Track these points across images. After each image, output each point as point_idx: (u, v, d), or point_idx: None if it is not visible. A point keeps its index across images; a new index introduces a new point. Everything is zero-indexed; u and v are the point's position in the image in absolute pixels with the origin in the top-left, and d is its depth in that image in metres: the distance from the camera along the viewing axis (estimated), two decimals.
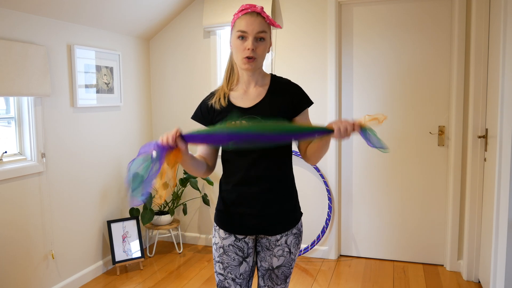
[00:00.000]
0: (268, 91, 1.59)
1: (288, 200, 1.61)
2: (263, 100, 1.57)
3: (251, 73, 1.57)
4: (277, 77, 1.65)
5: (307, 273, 3.25)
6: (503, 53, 2.32)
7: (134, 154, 3.67)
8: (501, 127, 2.34)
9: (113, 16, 3.17)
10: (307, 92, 1.71)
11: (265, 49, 1.55)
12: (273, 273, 1.63)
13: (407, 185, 3.35)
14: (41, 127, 2.74)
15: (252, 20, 1.50)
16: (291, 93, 1.60)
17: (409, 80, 3.27)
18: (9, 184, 2.54)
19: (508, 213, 2.18)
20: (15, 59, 2.48)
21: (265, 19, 1.53)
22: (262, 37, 1.52)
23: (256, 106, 1.56)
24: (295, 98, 1.59)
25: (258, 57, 1.52)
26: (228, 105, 1.57)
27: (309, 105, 1.62)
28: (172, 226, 3.61)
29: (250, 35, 1.50)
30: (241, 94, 1.59)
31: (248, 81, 1.59)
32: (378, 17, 3.30)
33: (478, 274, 3.02)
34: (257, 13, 1.53)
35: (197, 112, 1.65)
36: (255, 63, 1.53)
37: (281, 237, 1.59)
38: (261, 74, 1.61)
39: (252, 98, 1.58)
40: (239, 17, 1.53)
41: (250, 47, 1.49)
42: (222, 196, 1.63)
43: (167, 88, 3.86)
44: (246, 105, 1.56)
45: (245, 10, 1.53)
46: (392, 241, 3.44)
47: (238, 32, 1.51)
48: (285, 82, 1.64)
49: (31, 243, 2.69)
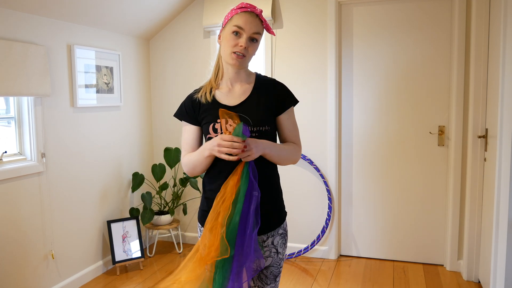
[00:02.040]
0: (253, 88, 1.60)
1: (274, 200, 1.61)
2: (249, 98, 1.58)
3: (236, 70, 1.58)
4: (262, 76, 1.67)
5: (307, 273, 3.25)
6: (503, 53, 2.32)
7: (134, 154, 3.68)
8: (501, 127, 2.34)
9: (113, 16, 3.17)
10: (307, 92, 1.71)
11: (255, 49, 1.56)
12: (262, 273, 1.63)
13: (407, 185, 3.35)
14: (41, 127, 2.74)
15: (251, 20, 1.52)
16: (277, 92, 1.61)
17: (409, 80, 3.27)
18: (9, 184, 2.54)
19: (508, 213, 2.18)
20: (15, 59, 2.48)
21: (262, 22, 1.55)
22: (255, 38, 1.54)
23: (242, 104, 1.56)
24: (280, 97, 1.61)
25: (247, 55, 1.54)
26: (212, 102, 1.57)
27: (295, 103, 1.64)
28: (172, 226, 3.61)
29: (245, 33, 1.51)
30: (226, 92, 1.59)
31: (233, 77, 1.60)
32: (378, 17, 3.30)
33: (478, 274, 3.02)
34: (256, 14, 1.54)
35: (181, 110, 1.64)
36: (244, 61, 1.54)
37: (267, 238, 1.58)
38: (246, 72, 1.63)
39: (238, 96, 1.58)
40: (238, 13, 1.53)
41: (243, 44, 1.50)
42: (207, 196, 1.61)
43: (167, 88, 3.86)
44: (231, 103, 1.57)
45: (245, 8, 1.54)
46: (392, 241, 3.44)
47: (234, 27, 1.51)
48: (270, 81, 1.65)
49: (31, 243, 2.69)
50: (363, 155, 3.44)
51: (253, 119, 1.54)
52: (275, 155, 1.54)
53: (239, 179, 1.46)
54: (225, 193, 1.46)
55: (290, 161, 1.61)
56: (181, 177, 3.76)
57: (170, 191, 3.88)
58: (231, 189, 1.46)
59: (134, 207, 3.63)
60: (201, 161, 1.54)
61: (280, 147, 1.57)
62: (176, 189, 3.74)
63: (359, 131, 3.43)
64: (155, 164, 3.65)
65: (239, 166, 1.47)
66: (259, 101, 1.57)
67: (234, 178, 1.46)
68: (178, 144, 3.79)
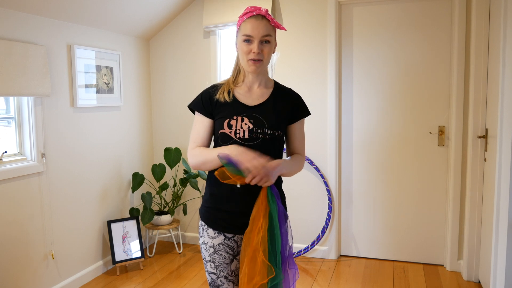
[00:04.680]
0: (272, 94, 1.65)
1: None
2: (267, 101, 1.63)
3: (256, 75, 1.63)
4: (280, 84, 1.72)
5: (307, 273, 3.25)
6: (503, 53, 2.32)
7: (134, 154, 3.68)
8: (501, 127, 2.34)
9: (113, 16, 3.17)
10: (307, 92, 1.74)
11: (270, 51, 1.60)
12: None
13: (407, 185, 3.35)
14: (41, 127, 2.74)
15: (257, 24, 1.54)
16: (292, 101, 1.67)
17: (409, 80, 3.27)
18: (9, 184, 2.54)
19: (508, 213, 2.18)
20: (15, 59, 2.48)
21: (270, 22, 1.57)
22: (267, 40, 1.56)
23: (260, 106, 1.61)
24: (295, 106, 1.67)
25: (264, 58, 1.57)
26: (232, 100, 1.61)
27: (307, 115, 1.71)
28: (172, 226, 3.61)
29: (255, 39, 1.55)
30: (245, 91, 1.64)
31: (252, 81, 1.64)
32: (378, 17, 3.30)
33: (478, 274, 3.02)
34: (262, 16, 1.56)
35: (197, 101, 1.66)
36: (261, 65, 1.58)
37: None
38: (265, 77, 1.67)
39: (256, 97, 1.63)
40: (244, 20, 1.57)
41: (256, 50, 1.54)
42: (213, 192, 1.63)
43: (167, 88, 3.86)
44: (250, 103, 1.61)
45: (250, 13, 1.56)
46: (392, 241, 3.44)
47: (244, 36, 1.56)
48: (287, 90, 1.71)
49: (31, 243, 2.69)
50: (363, 155, 3.44)
51: (269, 122, 1.58)
52: (287, 172, 1.60)
53: (266, 204, 1.52)
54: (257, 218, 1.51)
55: (297, 172, 1.68)
56: (181, 177, 3.76)
57: (170, 191, 3.88)
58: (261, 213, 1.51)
59: (134, 207, 3.63)
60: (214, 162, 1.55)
61: (290, 164, 1.62)
62: (176, 189, 3.74)
63: (359, 131, 3.43)
64: (155, 164, 3.65)
65: (262, 191, 1.52)
66: (276, 106, 1.63)
67: (260, 202, 1.52)
68: (178, 144, 3.79)
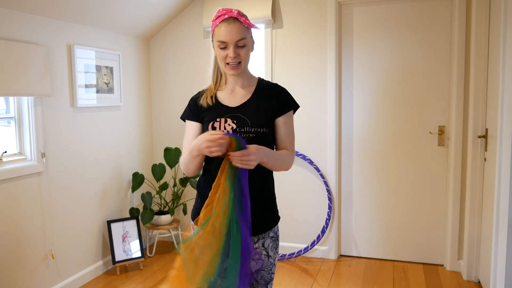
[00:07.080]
0: (255, 92, 1.62)
1: (266, 203, 1.61)
2: (249, 100, 1.60)
3: (236, 76, 1.61)
4: (264, 80, 1.69)
5: (307, 273, 3.25)
6: (503, 53, 2.32)
7: (134, 154, 3.68)
8: (501, 127, 2.34)
9: (113, 16, 3.17)
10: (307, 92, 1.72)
11: (248, 52, 1.56)
12: (252, 277, 1.61)
13: (407, 185, 3.35)
14: (41, 127, 2.74)
15: (230, 29, 1.50)
16: (277, 95, 1.63)
17: (409, 80, 3.27)
18: (9, 184, 2.54)
19: (508, 213, 2.18)
20: (15, 59, 2.48)
21: (242, 23, 1.52)
22: (243, 44, 1.53)
23: (242, 106, 1.59)
24: (280, 100, 1.62)
25: (242, 60, 1.55)
26: (215, 104, 1.60)
27: (295, 107, 1.65)
28: (172, 226, 3.61)
29: (230, 44, 1.51)
30: (227, 93, 1.63)
31: (235, 82, 1.63)
32: (378, 17, 3.30)
33: (478, 274, 3.02)
34: (234, 18, 1.51)
35: (186, 110, 1.67)
36: (240, 67, 1.56)
37: (258, 240, 1.58)
38: (248, 75, 1.64)
39: (239, 98, 1.61)
40: (217, 25, 1.52)
41: (232, 55, 1.51)
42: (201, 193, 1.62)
43: (167, 88, 3.86)
44: (232, 104, 1.59)
45: (222, 17, 1.52)
46: (392, 241, 3.44)
47: (218, 43, 1.52)
48: (271, 85, 1.67)
49: (31, 243, 2.69)
50: (363, 155, 3.44)
51: (252, 121, 1.55)
52: (271, 163, 1.54)
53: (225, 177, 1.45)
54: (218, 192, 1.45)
55: (283, 168, 1.62)
56: (181, 177, 3.76)
57: (170, 191, 3.88)
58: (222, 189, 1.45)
59: (134, 207, 3.63)
60: (191, 160, 1.53)
61: (277, 155, 1.57)
62: (176, 189, 3.74)
63: (359, 131, 3.43)
64: (155, 164, 3.65)
65: (224, 163, 1.45)
66: (259, 104, 1.59)
67: (222, 177, 1.45)
68: (178, 144, 3.79)
